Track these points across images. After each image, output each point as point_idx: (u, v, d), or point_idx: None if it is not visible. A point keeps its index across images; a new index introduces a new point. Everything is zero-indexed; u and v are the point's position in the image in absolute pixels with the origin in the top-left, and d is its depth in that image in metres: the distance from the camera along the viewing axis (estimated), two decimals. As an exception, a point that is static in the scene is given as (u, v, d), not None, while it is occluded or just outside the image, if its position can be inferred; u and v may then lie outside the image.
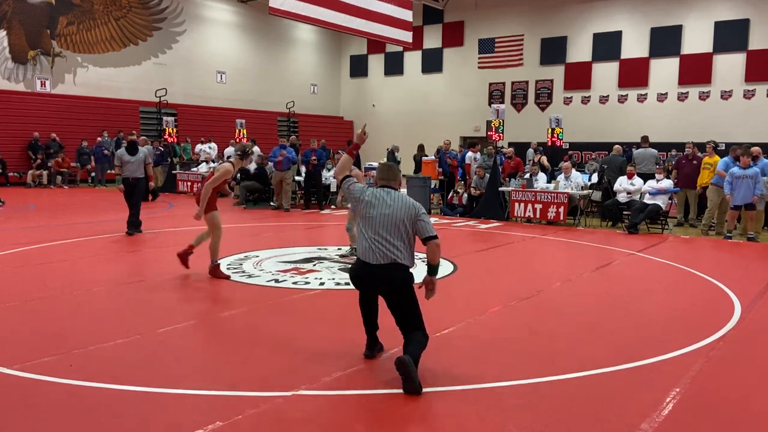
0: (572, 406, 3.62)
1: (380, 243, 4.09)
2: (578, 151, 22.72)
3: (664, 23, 21.95)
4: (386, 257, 4.08)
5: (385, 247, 4.08)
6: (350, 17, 17.42)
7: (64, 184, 19.54)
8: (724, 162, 11.29)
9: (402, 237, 4.12)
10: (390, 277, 4.10)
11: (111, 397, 3.64)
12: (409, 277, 4.19)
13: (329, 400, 3.68)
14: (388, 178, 4.38)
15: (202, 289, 6.49)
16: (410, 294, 4.18)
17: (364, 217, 4.21)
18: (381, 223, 4.12)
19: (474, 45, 25.93)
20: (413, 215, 4.13)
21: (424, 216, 4.17)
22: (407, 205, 4.16)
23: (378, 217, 4.15)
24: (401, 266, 4.13)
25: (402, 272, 4.14)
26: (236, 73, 25.94)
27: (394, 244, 4.09)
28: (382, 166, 4.49)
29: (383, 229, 4.11)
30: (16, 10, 19.94)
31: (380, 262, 4.07)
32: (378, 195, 4.24)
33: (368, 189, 4.32)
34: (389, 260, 4.08)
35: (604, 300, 6.34)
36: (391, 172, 4.42)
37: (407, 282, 4.17)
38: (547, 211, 12.39)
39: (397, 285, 4.13)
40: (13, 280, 6.66)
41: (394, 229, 4.10)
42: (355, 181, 4.40)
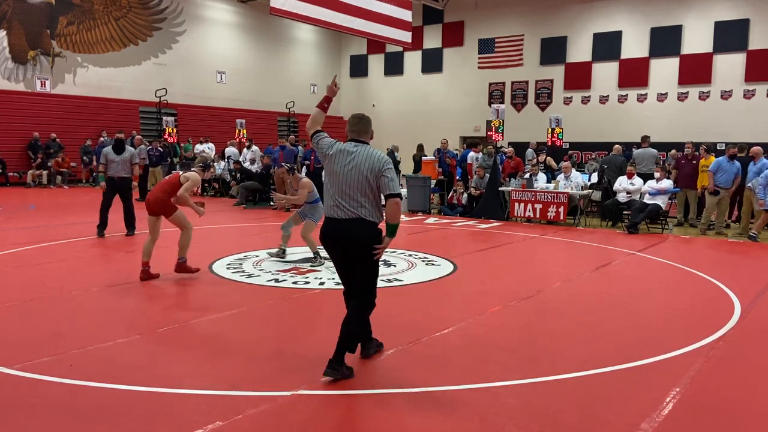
0: (572, 406, 3.62)
1: (344, 200, 3.91)
2: (578, 151, 22.72)
3: (664, 23, 21.95)
4: (351, 213, 3.90)
5: (349, 204, 3.90)
6: (350, 17, 17.43)
7: (63, 184, 19.54)
8: (716, 163, 11.32)
9: (366, 192, 3.91)
10: (355, 232, 3.90)
11: (111, 397, 3.64)
12: (375, 233, 3.96)
13: (329, 400, 3.67)
14: (358, 130, 4.10)
15: (202, 289, 6.48)
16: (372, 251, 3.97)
17: (330, 173, 4.00)
18: (345, 178, 3.92)
19: (474, 45, 25.93)
20: (378, 170, 3.89)
21: (388, 172, 3.93)
22: (372, 159, 3.92)
23: (341, 172, 3.94)
24: (367, 222, 3.92)
25: (368, 227, 3.93)
26: (236, 73, 25.93)
27: (358, 201, 3.90)
28: (352, 118, 4.17)
29: (347, 185, 3.91)
30: (16, 10, 19.94)
31: (345, 218, 3.91)
32: (344, 149, 4.01)
33: (337, 143, 4.07)
34: (355, 216, 3.90)
35: (604, 300, 6.34)
36: (362, 124, 4.13)
37: (373, 238, 3.94)
38: (547, 211, 12.39)
39: (363, 240, 3.91)
40: (13, 280, 6.66)
41: (357, 185, 3.89)
42: (325, 136, 4.16)
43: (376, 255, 3.94)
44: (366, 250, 3.92)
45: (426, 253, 8.68)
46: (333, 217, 3.97)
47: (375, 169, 3.90)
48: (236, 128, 19.90)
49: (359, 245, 3.92)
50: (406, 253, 8.73)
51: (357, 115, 4.17)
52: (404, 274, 7.29)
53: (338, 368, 3.89)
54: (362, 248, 3.92)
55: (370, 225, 3.94)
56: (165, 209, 6.82)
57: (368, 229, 3.93)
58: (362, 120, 4.14)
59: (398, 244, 9.62)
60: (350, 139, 4.08)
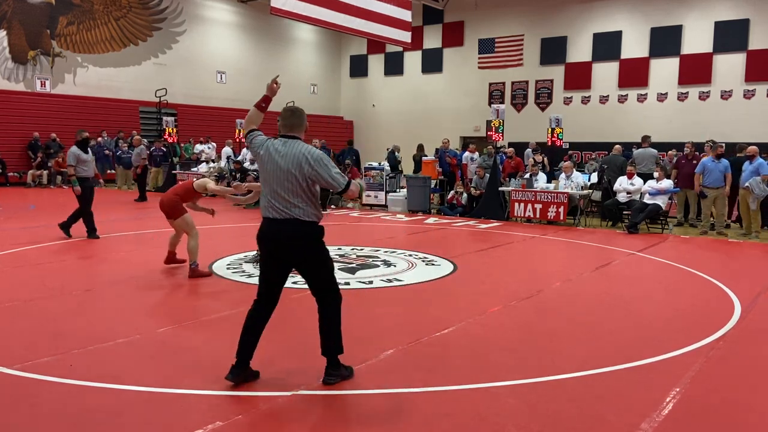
0: (572, 406, 3.62)
1: (276, 200, 3.70)
2: (578, 151, 22.72)
3: (664, 23, 21.95)
4: (285, 214, 3.68)
5: (282, 204, 3.69)
6: (350, 17, 17.44)
7: (63, 184, 19.54)
8: (701, 164, 11.34)
9: (297, 192, 3.68)
10: (290, 234, 3.69)
11: (111, 397, 3.64)
12: (312, 232, 3.75)
13: (329, 400, 3.67)
14: (290, 125, 3.86)
15: (202, 289, 6.48)
16: (316, 252, 3.79)
17: (261, 173, 3.80)
18: (275, 178, 3.71)
19: (474, 45, 25.93)
20: (306, 170, 3.65)
21: (322, 170, 3.66)
22: (298, 157, 3.67)
23: (271, 172, 3.72)
24: (302, 222, 3.70)
25: (303, 228, 3.71)
26: (236, 73, 25.92)
27: (289, 201, 3.68)
28: (283, 111, 3.92)
29: (278, 185, 3.70)
30: (16, 10, 19.94)
31: (279, 218, 3.71)
32: (273, 147, 3.77)
33: (267, 141, 3.84)
34: (288, 217, 3.68)
35: (604, 300, 6.33)
36: (294, 118, 3.87)
37: (310, 237, 3.74)
38: (547, 211, 12.39)
39: (298, 242, 3.71)
40: (13, 280, 6.66)
41: (288, 185, 3.67)
42: (260, 134, 3.94)
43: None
44: (304, 252, 3.75)
45: (426, 253, 8.68)
46: (267, 217, 3.77)
47: (303, 168, 3.66)
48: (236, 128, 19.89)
49: (295, 247, 3.73)
50: (406, 253, 8.73)
51: (289, 108, 3.93)
52: (404, 274, 7.29)
53: (335, 372, 3.89)
54: (299, 250, 3.74)
55: (305, 225, 3.72)
56: (174, 211, 6.95)
57: (303, 230, 3.71)
58: (294, 113, 3.90)
59: (398, 244, 9.63)
60: (281, 135, 3.84)
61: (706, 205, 11.41)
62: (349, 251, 8.74)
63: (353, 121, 30.24)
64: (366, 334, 5.08)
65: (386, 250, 8.89)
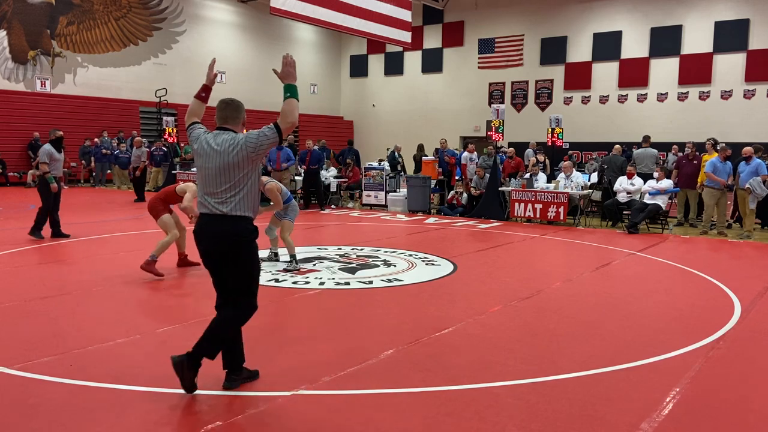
0: (572, 406, 3.62)
1: (209, 195, 3.59)
2: (578, 151, 22.71)
3: (664, 23, 21.95)
4: (216, 209, 3.57)
5: (214, 198, 3.57)
6: (350, 17, 17.44)
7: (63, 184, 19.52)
8: (711, 163, 11.31)
9: (232, 186, 3.55)
10: (220, 230, 3.57)
11: (111, 397, 3.64)
12: (242, 231, 3.58)
13: (329, 400, 3.67)
14: (224, 117, 3.71)
15: (202, 289, 6.47)
16: (244, 252, 3.61)
17: (196, 167, 3.68)
18: (207, 174, 3.58)
19: (474, 45, 25.93)
20: (238, 150, 3.51)
21: (252, 142, 3.52)
22: (232, 146, 3.53)
23: (204, 167, 3.60)
24: (235, 218, 3.57)
25: (233, 224, 3.57)
26: (236, 73, 25.92)
27: (221, 196, 3.55)
28: (219, 103, 3.76)
29: (210, 179, 3.57)
30: (16, 10, 19.94)
31: (211, 214, 3.59)
32: (206, 140, 3.64)
33: (202, 135, 3.70)
34: (219, 213, 3.56)
35: (604, 300, 6.33)
36: (229, 110, 3.72)
37: (240, 236, 3.58)
38: (547, 211, 12.39)
39: (229, 238, 3.56)
40: (13, 279, 6.66)
41: (222, 179, 3.55)
42: (198, 127, 3.79)
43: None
44: (233, 249, 3.58)
45: (426, 253, 8.68)
46: (202, 213, 3.65)
47: (235, 149, 3.52)
48: (236, 128, 19.90)
49: (225, 244, 3.58)
50: (406, 253, 8.73)
51: (224, 100, 3.77)
52: (404, 274, 7.29)
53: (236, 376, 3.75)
54: (229, 247, 3.57)
55: (236, 221, 3.57)
56: (155, 212, 7.17)
57: (234, 227, 3.56)
58: (229, 105, 3.74)
59: (398, 244, 9.63)
60: (217, 128, 3.70)
61: (709, 205, 11.40)
62: (349, 251, 8.74)
63: (353, 121, 30.24)
64: (366, 334, 5.09)
65: (386, 250, 8.89)
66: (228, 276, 3.66)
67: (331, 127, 28.42)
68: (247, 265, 3.65)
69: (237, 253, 3.59)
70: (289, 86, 3.65)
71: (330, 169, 16.93)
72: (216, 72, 4.07)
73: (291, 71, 3.69)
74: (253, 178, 3.63)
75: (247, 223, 3.63)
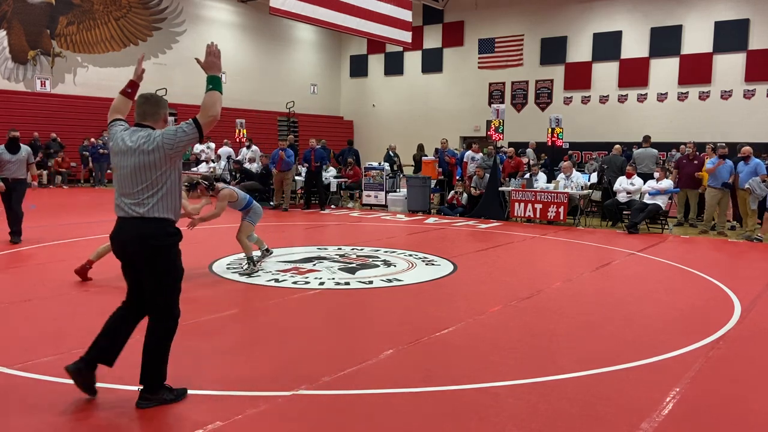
0: (572, 406, 3.62)
1: (124, 195, 3.40)
2: (578, 151, 22.72)
3: (664, 23, 21.95)
4: (132, 211, 3.37)
5: (129, 199, 3.38)
6: (350, 17, 17.43)
7: (63, 184, 19.55)
8: (711, 162, 11.34)
9: (149, 186, 3.35)
10: (137, 234, 3.36)
11: (111, 397, 3.64)
12: (163, 233, 3.38)
13: (329, 400, 3.67)
14: (142, 113, 3.51)
15: (202, 289, 6.48)
16: (163, 257, 3.40)
17: (112, 167, 3.48)
18: (122, 173, 3.39)
19: (474, 45, 25.93)
20: (159, 153, 3.32)
21: (169, 139, 3.32)
22: (148, 143, 3.34)
23: (119, 167, 3.41)
24: (153, 220, 3.36)
25: (150, 227, 3.36)
26: (236, 73, 25.91)
27: (139, 198, 3.35)
28: (138, 98, 3.61)
29: (126, 180, 3.37)
30: (16, 10, 19.94)
31: (126, 217, 3.39)
32: (122, 138, 3.43)
33: (118, 133, 3.49)
34: (138, 215, 3.36)
35: (604, 300, 6.34)
36: (147, 105, 3.53)
37: (159, 239, 3.37)
38: (547, 211, 12.39)
39: (147, 242, 3.35)
40: (13, 280, 6.66)
41: (138, 179, 3.35)
42: (120, 124, 3.57)
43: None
44: (151, 254, 3.37)
45: (426, 253, 8.68)
46: (118, 216, 3.46)
47: (151, 147, 3.32)
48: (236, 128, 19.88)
49: (142, 248, 3.37)
50: (406, 253, 8.73)
51: (144, 95, 3.60)
52: (404, 274, 7.29)
53: (152, 396, 3.44)
54: (146, 252, 3.37)
55: (154, 224, 3.36)
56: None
57: (151, 230, 3.36)
58: (148, 100, 3.56)
59: (398, 244, 9.63)
60: (135, 124, 3.51)
61: (710, 204, 11.39)
62: (349, 251, 8.74)
63: (353, 121, 30.24)
64: (366, 334, 5.09)
65: (386, 250, 8.89)
66: (146, 283, 3.43)
67: (331, 127, 28.41)
68: (165, 271, 3.42)
69: (155, 258, 3.38)
70: (212, 78, 3.49)
71: (330, 169, 16.93)
72: (143, 68, 3.84)
73: (215, 61, 3.53)
74: (173, 178, 3.42)
75: (167, 226, 3.41)
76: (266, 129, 25.51)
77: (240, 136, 19.54)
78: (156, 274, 3.41)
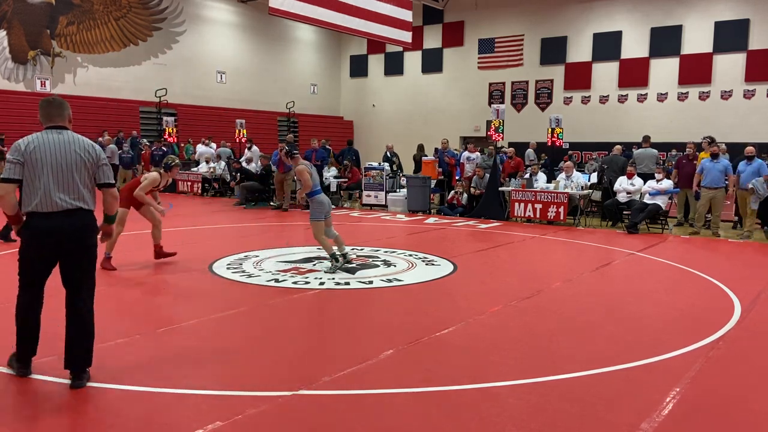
0: (572, 406, 3.62)
1: (64, 192, 3.72)
2: (578, 151, 22.73)
3: (664, 23, 21.95)
4: (70, 204, 3.74)
5: (69, 196, 3.73)
6: (350, 17, 17.44)
7: None
8: (701, 165, 11.33)
9: (85, 182, 3.80)
10: (76, 224, 3.77)
11: (111, 397, 3.64)
12: (94, 224, 3.88)
13: (329, 400, 3.67)
14: (49, 114, 3.80)
15: (202, 289, 6.48)
16: (93, 247, 3.88)
17: (35, 168, 3.69)
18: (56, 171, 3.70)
19: (474, 45, 25.94)
20: (95, 159, 3.81)
21: (105, 160, 3.90)
22: (86, 148, 3.80)
23: (53, 165, 3.70)
24: (87, 212, 3.83)
25: (89, 218, 3.84)
26: (236, 73, 25.92)
27: (79, 193, 3.77)
28: (42, 102, 3.85)
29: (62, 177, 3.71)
30: (16, 10, 19.94)
31: (65, 208, 3.73)
32: (47, 141, 3.72)
33: (34, 140, 3.72)
34: (75, 207, 3.76)
35: (604, 300, 6.34)
36: (52, 108, 3.82)
37: (93, 229, 3.87)
38: (547, 211, 12.39)
39: (83, 231, 3.80)
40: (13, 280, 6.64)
41: (76, 175, 3.74)
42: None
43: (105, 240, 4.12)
44: (83, 239, 3.83)
45: (426, 253, 8.68)
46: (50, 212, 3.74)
47: (93, 158, 3.81)
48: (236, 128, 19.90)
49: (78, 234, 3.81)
50: (406, 253, 8.73)
51: (46, 99, 3.87)
52: (404, 274, 7.29)
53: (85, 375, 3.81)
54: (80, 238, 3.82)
55: (89, 214, 3.84)
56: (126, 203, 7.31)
57: (89, 219, 3.84)
58: (51, 103, 3.84)
59: (398, 244, 9.63)
60: (48, 128, 3.78)
61: (700, 203, 11.40)
62: (349, 251, 8.74)
63: (353, 121, 30.24)
64: (366, 334, 5.09)
65: (386, 250, 8.89)
66: (78, 268, 3.90)
67: (331, 127, 28.42)
68: (93, 263, 3.95)
69: (88, 246, 3.85)
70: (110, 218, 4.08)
71: (330, 169, 16.93)
72: None
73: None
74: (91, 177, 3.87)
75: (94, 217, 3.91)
76: (266, 129, 25.51)
77: (240, 136, 19.55)
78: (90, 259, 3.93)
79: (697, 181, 11.37)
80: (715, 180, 11.06)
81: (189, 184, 17.81)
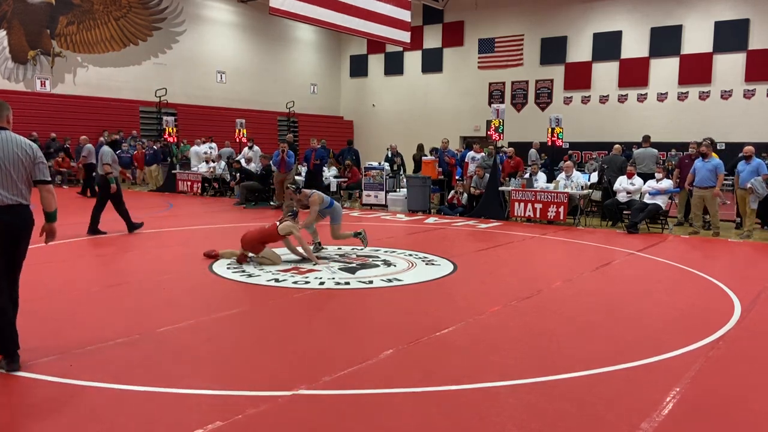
0: (572, 406, 3.62)
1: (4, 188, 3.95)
2: (578, 151, 22.73)
3: (664, 23, 21.97)
4: (10, 200, 3.97)
5: (8, 192, 3.96)
6: (350, 17, 17.45)
7: (63, 184, 19.55)
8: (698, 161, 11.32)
9: (23, 179, 4.02)
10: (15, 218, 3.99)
11: (111, 397, 3.64)
12: (32, 219, 4.11)
13: (329, 400, 3.67)
14: None
15: (203, 289, 6.48)
16: (27, 240, 4.13)
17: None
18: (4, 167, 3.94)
19: (474, 45, 25.95)
20: (32, 157, 4.02)
21: (42, 158, 4.10)
22: (23, 147, 4.01)
23: None
24: (25, 207, 4.06)
25: (26, 212, 4.07)
26: (236, 73, 25.94)
27: (17, 189, 3.99)
28: None
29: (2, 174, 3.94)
30: (16, 10, 19.94)
31: (5, 204, 3.96)
32: None
33: None
34: (15, 202, 3.99)
35: (604, 300, 6.33)
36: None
37: (30, 223, 4.10)
38: (547, 211, 12.39)
39: (22, 224, 4.04)
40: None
41: (13, 173, 3.96)
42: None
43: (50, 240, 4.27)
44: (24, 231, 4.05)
45: (426, 253, 8.68)
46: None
47: (30, 157, 4.00)
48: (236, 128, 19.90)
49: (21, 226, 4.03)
50: (406, 253, 8.73)
51: None
52: (404, 274, 7.29)
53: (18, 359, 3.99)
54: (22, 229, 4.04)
55: (28, 208, 4.05)
56: (254, 250, 7.69)
57: (28, 212, 4.05)
58: None
59: (398, 244, 9.62)
60: None
61: (695, 204, 11.40)
62: (349, 251, 8.74)
63: (353, 121, 30.25)
64: (366, 334, 5.09)
65: (386, 250, 8.89)
66: (17, 257, 4.09)
67: (331, 127, 28.43)
68: (26, 247, 4.15)
69: (27, 235, 4.08)
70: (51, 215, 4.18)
71: (330, 168, 16.93)
72: None
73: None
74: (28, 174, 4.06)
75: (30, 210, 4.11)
76: (266, 129, 25.52)
77: (240, 136, 19.55)
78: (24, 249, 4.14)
79: (689, 180, 11.36)
80: (704, 179, 11.04)
81: (189, 184, 17.80)
